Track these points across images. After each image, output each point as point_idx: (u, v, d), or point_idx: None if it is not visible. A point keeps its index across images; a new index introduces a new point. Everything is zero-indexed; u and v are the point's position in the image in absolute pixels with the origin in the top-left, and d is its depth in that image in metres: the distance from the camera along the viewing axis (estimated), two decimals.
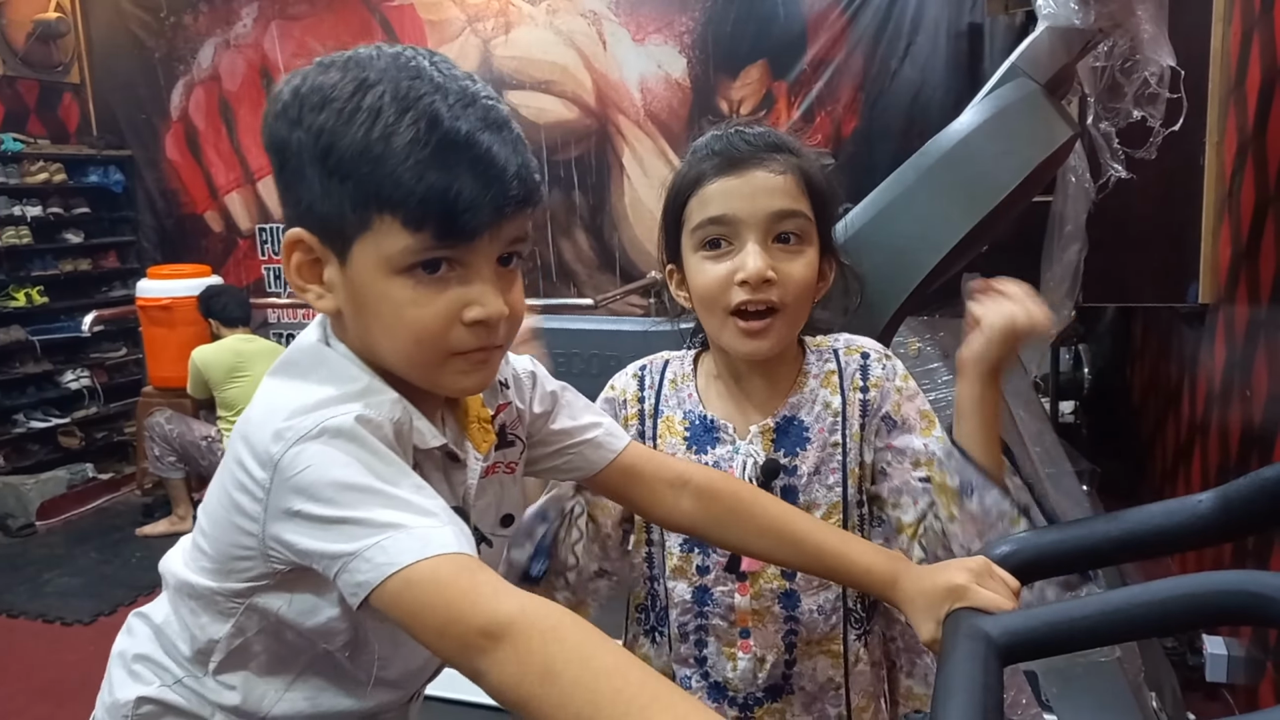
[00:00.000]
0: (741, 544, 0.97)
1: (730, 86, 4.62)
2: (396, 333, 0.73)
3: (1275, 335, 2.19)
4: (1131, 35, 1.75)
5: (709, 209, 1.00)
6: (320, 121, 0.69)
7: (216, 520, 0.75)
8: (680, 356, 1.14)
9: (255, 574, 0.74)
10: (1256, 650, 2.31)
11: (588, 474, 0.96)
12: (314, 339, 0.78)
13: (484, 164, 0.70)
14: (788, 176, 1.00)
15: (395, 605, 0.62)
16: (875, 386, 1.06)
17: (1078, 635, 0.71)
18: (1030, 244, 2.90)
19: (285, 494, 0.67)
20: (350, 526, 0.64)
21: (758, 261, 0.97)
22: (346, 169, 0.69)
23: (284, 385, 0.74)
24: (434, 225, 0.69)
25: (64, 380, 5.29)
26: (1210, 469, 2.79)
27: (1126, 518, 0.82)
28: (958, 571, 0.82)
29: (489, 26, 4.92)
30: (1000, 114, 1.65)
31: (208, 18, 5.47)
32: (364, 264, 0.71)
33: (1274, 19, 2.28)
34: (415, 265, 0.71)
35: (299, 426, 0.67)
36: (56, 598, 3.87)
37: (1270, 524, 0.77)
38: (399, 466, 0.68)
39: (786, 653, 1.05)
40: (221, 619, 0.79)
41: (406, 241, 0.69)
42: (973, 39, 4.16)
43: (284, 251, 0.74)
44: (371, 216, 0.69)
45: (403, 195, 0.68)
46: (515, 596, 0.61)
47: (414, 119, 0.68)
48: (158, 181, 5.74)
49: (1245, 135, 2.51)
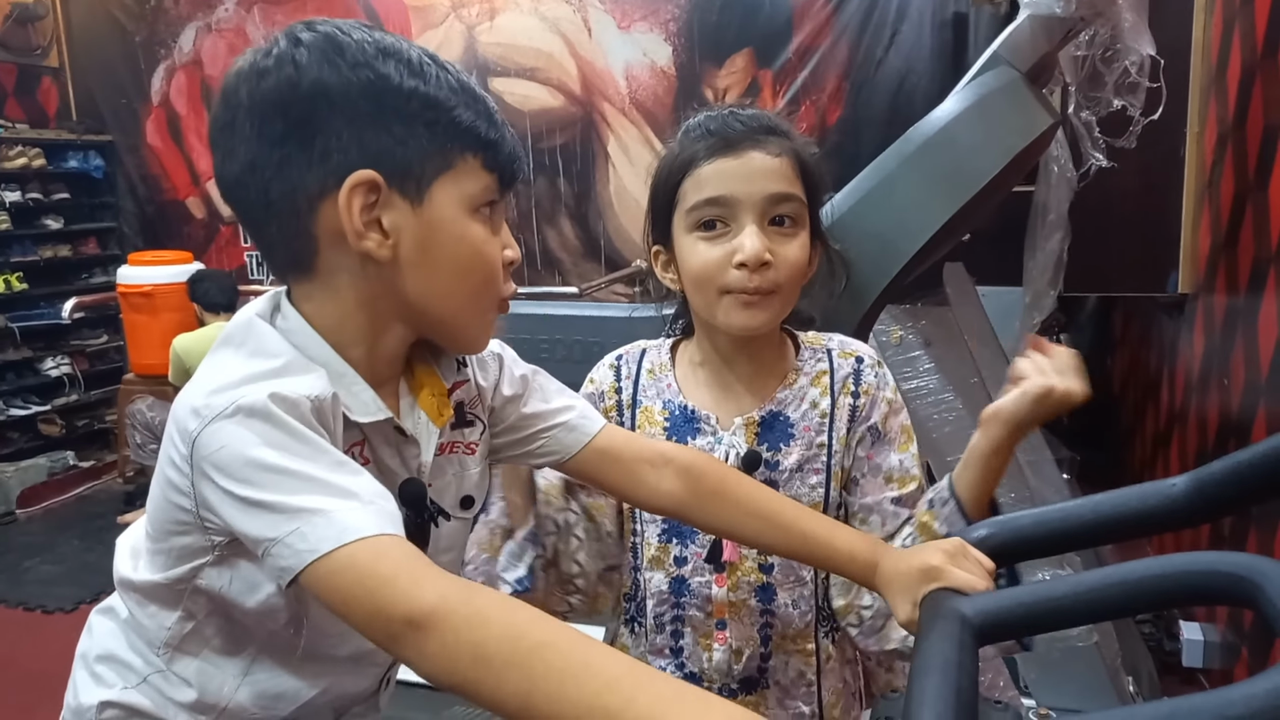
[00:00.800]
0: (726, 526, 0.96)
1: (715, 75, 4.61)
2: (474, 273, 0.77)
3: (1253, 325, 2.21)
4: (1112, 24, 1.77)
5: (705, 190, 0.99)
6: (394, 68, 0.71)
7: (155, 497, 0.75)
8: (657, 345, 1.13)
9: (195, 549, 0.74)
10: (1232, 635, 2.34)
11: (563, 458, 0.94)
12: (252, 313, 0.77)
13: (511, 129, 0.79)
14: (783, 159, 0.99)
15: (320, 592, 0.62)
16: (865, 393, 1.06)
17: (1052, 615, 0.72)
18: (1013, 233, 2.93)
19: (205, 470, 0.66)
20: (268, 512, 0.63)
21: (756, 244, 0.96)
22: (433, 112, 0.72)
23: (214, 360, 0.74)
24: (504, 170, 0.77)
25: (44, 367, 5.24)
26: (1188, 456, 2.82)
27: (1101, 501, 0.82)
28: (933, 553, 0.82)
29: (474, 13, 4.89)
30: (981, 102, 1.66)
31: (189, 1, 5.41)
32: (444, 204, 0.74)
33: (1254, 10, 2.30)
34: (485, 205, 0.76)
35: (215, 404, 0.67)
36: (37, 586, 3.85)
37: (1242, 506, 0.78)
38: (315, 445, 0.67)
39: (762, 646, 1.05)
40: (168, 607, 0.78)
41: (487, 180, 0.76)
42: (957, 28, 4.17)
43: (345, 197, 0.70)
44: (455, 157, 0.74)
45: (488, 138, 0.75)
46: (436, 583, 0.60)
47: (458, 83, 0.74)
48: (138, 167, 5.68)
49: (1225, 126, 2.53)
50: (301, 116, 0.70)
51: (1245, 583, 0.63)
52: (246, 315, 0.76)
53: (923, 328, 2.21)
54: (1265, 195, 2.16)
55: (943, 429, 2.21)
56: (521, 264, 0.83)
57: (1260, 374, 2.15)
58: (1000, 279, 3.25)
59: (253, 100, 0.71)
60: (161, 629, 0.79)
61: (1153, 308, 3.29)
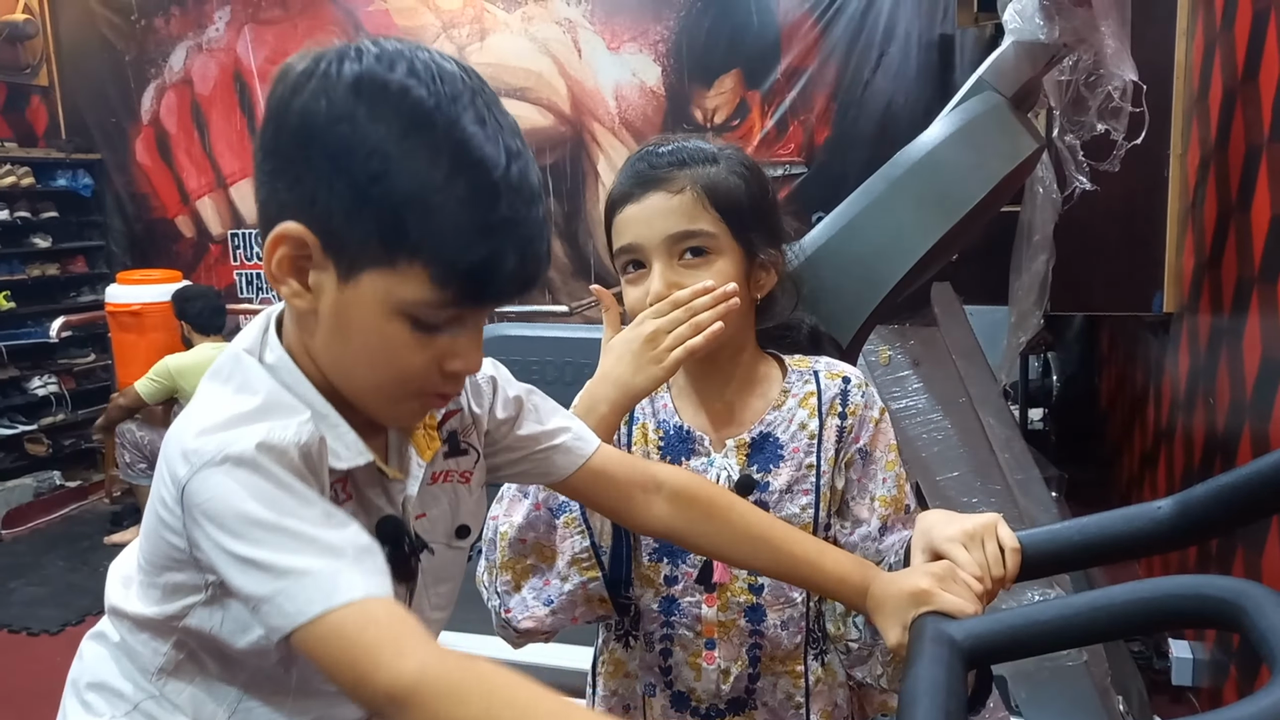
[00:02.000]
0: (718, 549, 0.96)
1: (704, 95, 4.65)
2: (378, 368, 0.71)
3: (1237, 344, 2.23)
4: (1095, 50, 1.79)
5: (620, 237, 1.05)
6: (376, 137, 0.64)
7: (149, 529, 0.74)
8: None
9: (188, 586, 0.73)
10: (1221, 653, 2.35)
11: (556, 479, 0.94)
12: (239, 347, 0.74)
13: (526, 242, 0.68)
14: (684, 194, 1.02)
15: (308, 653, 0.62)
16: (853, 414, 1.07)
17: (1041, 638, 0.73)
18: (1000, 253, 2.95)
19: (196, 517, 0.66)
20: (256, 570, 0.63)
21: (658, 285, 1.01)
22: (391, 204, 0.64)
23: (204, 394, 0.73)
24: (465, 290, 0.68)
25: (31, 386, 5.21)
26: (1175, 474, 2.84)
27: (1088, 524, 0.84)
28: (922, 576, 0.83)
29: (464, 33, 4.92)
30: (967, 126, 1.68)
31: (179, 20, 5.43)
32: (369, 294, 0.67)
33: (1234, 34, 2.33)
34: (421, 319, 0.69)
35: (203, 450, 0.65)
36: (23, 607, 3.81)
37: (1227, 529, 0.80)
38: (303, 496, 0.66)
39: (750, 667, 1.06)
40: (163, 636, 0.78)
41: (428, 295, 0.67)
42: (944, 50, 4.22)
43: (271, 241, 0.67)
44: (399, 259, 0.66)
45: (446, 255, 0.66)
46: (417, 654, 0.60)
47: (472, 179, 0.65)
48: (127, 185, 5.68)
49: (1208, 148, 2.56)
50: (287, 138, 0.68)
51: (1230, 606, 0.64)
52: (235, 349, 0.74)
53: (911, 347, 2.22)
54: (1247, 216, 2.18)
55: (931, 448, 2.22)
56: None
57: (1245, 392, 2.17)
58: (987, 298, 3.27)
59: (268, 100, 0.70)
60: (156, 655, 0.78)
61: (1138, 327, 3.32)
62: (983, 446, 2.25)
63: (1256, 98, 2.15)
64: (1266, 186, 2.08)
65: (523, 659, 1.05)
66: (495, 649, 0.63)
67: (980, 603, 0.82)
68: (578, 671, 1.22)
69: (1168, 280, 2.83)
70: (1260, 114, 2.13)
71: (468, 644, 0.78)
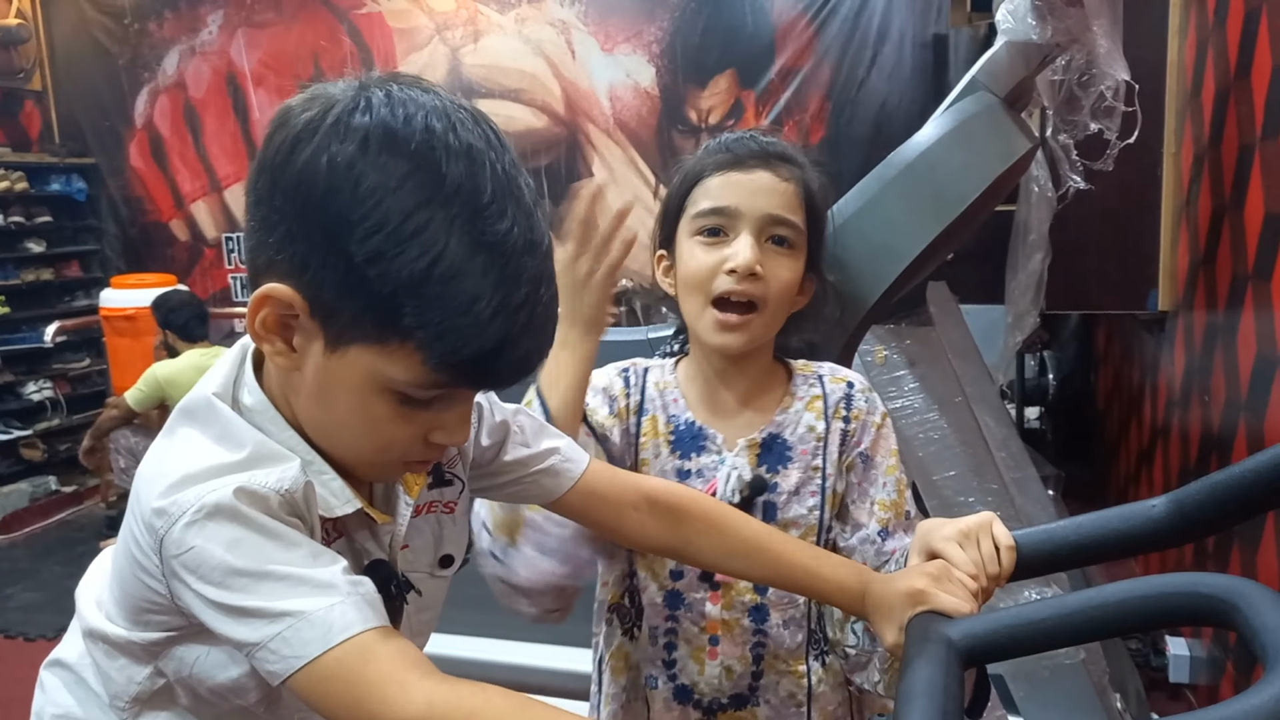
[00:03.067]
0: (715, 562, 0.96)
1: (699, 96, 4.65)
2: (357, 438, 0.69)
3: (1232, 341, 2.24)
4: (1088, 50, 1.80)
5: (711, 198, 1.04)
6: (381, 211, 0.59)
7: (123, 573, 0.71)
8: (659, 364, 1.15)
9: (170, 625, 0.70)
10: (1218, 650, 2.36)
11: (545, 500, 0.93)
12: (210, 390, 0.71)
13: (538, 328, 0.65)
14: (791, 185, 1.04)
15: (307, 697, 0.61)
16: (856, 418, 1.09)
17: (1037, 637, 0.73)
18: (995, 252, 2.95)
19: (176, 570, 0.64)
20: (248, 617, 0.61)
21: (748, 253, 1.00)
22: (389, 286, 0.59)
23: (177, 439, 0.70)
24: (460, 374, 0.64)
25: (26, 391, 5.20)
26: (1171, 472, 2.84)
27: (1084, 523, 0.83)
28: (918, 576, 0.83)
29: (458, 35, 4.92)
30: (961, 127, 1.69)
31: (173, 24, 5.42)
32: (355, 367, 0.64)
33: (1227, 31, 2.34)
34: (407, 396, 0.66)
35: (181, 502, 0.63)
36: (19, 612, 3.81)
37: (1221, 527, 0.79)
38: (287, 538, 0.64)
39: (753, 664, 1.07)
40: (140, 662, 0.75)
41: (419, 375, 0.63)
42: (938, 49, 4.22)
43: (256, 300, 0.64)
44: (392, 339, 0.62)
45: (445, 344, 0.61)
46: (423, 688, 0.59)
47: (482, 267, 0.60)
48: (121, 190, 5.66)
49: (1201, 145, 2.57)
50: (283, 193, 0.63)
51: (1224, 604, 0.64)
52: (204, 394, 0.71)
53: (907, 347, 2.23)
54: (1241, 213, 2.19)
55: (928, 448, 2.22)
56: None
57: (1240, 390, 2.17)
58: (983, 297, 3.27)
59: (266, 143, 0.65)
60: (130, 683, 0.75)
61: (1134, 325, 3.33)
62: (979, 445, 2.25)
63: (1249, 95, 2.16)
64: (1260, 184, 2.09)
65: (525, 662, 1.05)
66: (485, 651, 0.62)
67: (976, 602, 0.82)
68: (580, 674, 1.22)
69: (1163, 278, 2.83)
70: (1253, 112, 2.14)
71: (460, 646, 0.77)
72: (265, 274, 0.64)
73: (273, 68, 5.26)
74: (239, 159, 5.42)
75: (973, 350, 2.53)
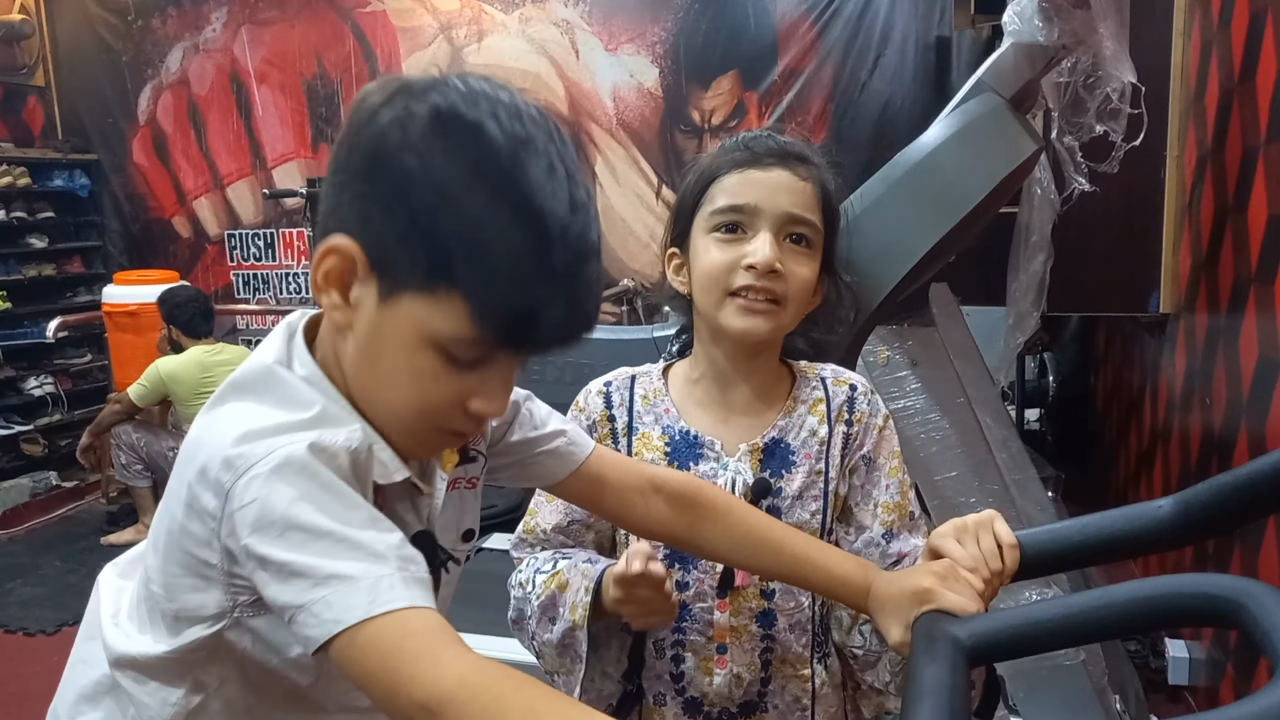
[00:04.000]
0: (716, 551, 0.97)
1: (702, 96, 4.65)
2: (400, 396, 0.70)
3: (1234, 344, 2.24)
4: (1094, 52, 1.80)
5: (730, 195, 1.03)
6: (441, 172, 0.64)
7: (168, 554, 0.71)
8: (646, 372, 1.14)
9: (209, 610, 0.70)
10: (1217, 652, 2.36)
11: (550, 483, 0.95)
12: (268, 360, 0.73)
13: (576, 299, 0.67)
14: (809, 185, 1.03)
15: (343, 663, 0.61)
16: (858, 421, 1.08)
17: (1042, 637, 0.73)
18: (997, 254, 2.96)
19: (236, 526, 0.64)
20: (296, 576, 0.61)
21: (768, 250, 1.00)
22: (443, 235, 0.64)
23: (233, 409, 0.70)
24: (502, 333, 0.66)
25: (27, 387, 5.20)
26: (1172, 474, 2.84)
27: (1088, 524, 0.84)
28: (924, 575, 0.83)
29: (461, 34, 4.92)
30: (966, 128, 1.69)
31: (176, 21, 5.42)
32: (405, 318, 0.67)
33: (1231, 35, 2.34)
34: (452, 352, 0.68)
35: (250, 455, 0.64)
36: (19, 607, 3.80)
37: (1227, 528, 0.80)
38: (351, 499, 0.65)
39: (762, 670, 1.06)
40: (173, 683, 0.74)
41: (464, 330, 0.66)
42: (940, 52, 4.22)
43: (321, 253, 0.68)
44: (440, 288, 0.65)
45: (488, 296, 0.65)
46: (456, 665, 0.58)
47: (530, 228, 0.64)
48: (124, 186, 5.67)
49: (1205, 148, 2.57)
50: (358, 157, 0.68)
51: (1231, 604, 0.64)
52: (263, 363, 0.73)
53: (909, 348, 2.23)
54: (1244, 216, 2.19)
55: (929, 448, 2.23)
56: None
57: (1241, 393, 2.18)
58: (985, 299, 3.28)
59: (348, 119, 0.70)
60: (165, 705, 0.74)
61: (1135, 327, 3.33)
62: (980, 447, 2.26)
63: (1253, 99, 2.16)
64: (1263, 187, 2.09)
65: (527, 660, 1.05)
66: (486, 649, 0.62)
67: (983, 601, 0.82)
68: None
69: (1165, 281, 2.83)
70: (1257, 115, 2.14)
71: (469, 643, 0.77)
72: (333, 233, 0.69)
73: (276, 65, 5.26)
74: (242, 156, 5.42)
75: (974, 351, 2.53)
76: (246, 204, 5.49)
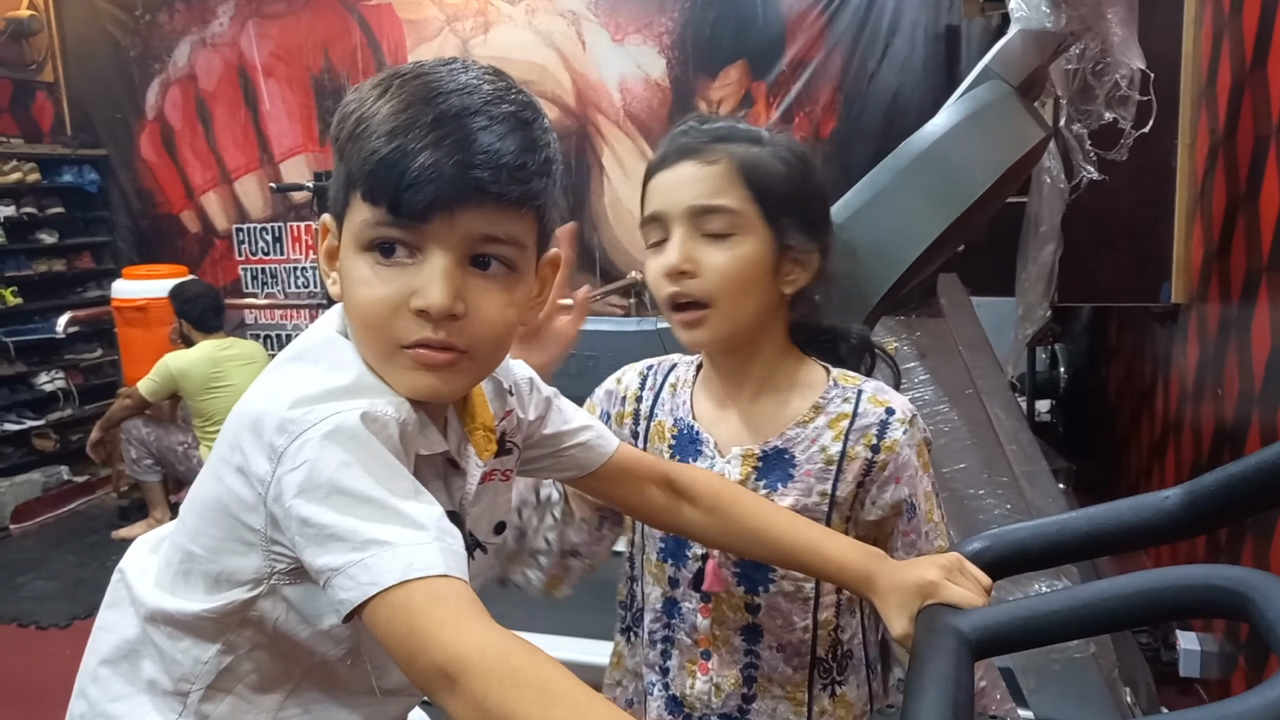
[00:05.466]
0: (723, 542, 0.98)
1: (710, 87, 4.63)
2: (353, 313, 0.74)
3: (1246, 334, 2.22)
4: (1102, 38, 1.78)
5: (648, 205, 1.02)
6: (351, 110, 0.72)
7: (210, 517, 0.73)
8: (688, 362, 1.12)
9: (248, 579, 0.72)
10: (1229, 645, 2.34)
11: (579, 475, 0.96)
12: (329, 330, 0.77)
13: (455, 141, 0.67)
14: (717, 166, 0.97)
15: (374, 626, 0.62)
16: (888, 449, 0.99)
17: (1047, 629, 0.72)
18: (1006, 244, 2.94)
19: (283, 488, 0.65)
20: (337, 540, 0.62)
21: (672, 255, 0.97)
22: (341, 154, 0.72)
23: (289, 375, 0.73)
24: (385, 197, 0.68)
25: (38, 382, 5.23)
26: (1184, 466, 2.82)
27: (1096, 514, 0.83)
28: (930, 568, 0.83)
29: (468, 26, 4.91)
30: (974, 115, 1.68)
31: (184, 16, 5.43)
32: (346, 242, 0.73)
33: (1242, 22, 2.31)
34: (375, 244, 0.71)
35: (304, 420, 0.66)
36: (32, 601, 3.83)
37: (1235, 518, 0.79)
38: (397, 469, 0.67)
39: (744, 686, 1.03)
40: (207, 640, 0.75)
41: (365, 215, 0.70)
42: (950, 40, 4.20)
43: (318, 237, 0.78)
44: (349, 194, 0.71)
45: (362, 167, 0.69)
46: (477, 633, 0.59)
47: (405, 97, 0.69)
48: (133, 181, 5.69)
49: (1216, 137, 2.55)
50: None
51: (1237, 596, 0.63)
52: (325, 332, 0.76)
53: (918, 339, 2.22)
54: (1256, 205, 2.17)
55: (938, 440, 2.22)
56: None
57: (1254, 383, 2.16)
58: (994, 290, 3.26)
59: None
60: (197, 664, 0.76)
61: (1146, 318, 3.30)
62: (990, 438, 2.24)
63: (1265, 86, 2.14)
64: (1275, 175, 2.07)
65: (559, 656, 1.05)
66: None
67: (987, 595, 0.81)
68: (589, 666, 1.21)
69: (1176, 270, 2.81)
70: (1269, 103, 2.12)
71: None
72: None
73: (283, 59, 5.26)
74: (249, 150, 5.43)
75: (984, 342, 2.52)
76: (254, 198, 5.50)
